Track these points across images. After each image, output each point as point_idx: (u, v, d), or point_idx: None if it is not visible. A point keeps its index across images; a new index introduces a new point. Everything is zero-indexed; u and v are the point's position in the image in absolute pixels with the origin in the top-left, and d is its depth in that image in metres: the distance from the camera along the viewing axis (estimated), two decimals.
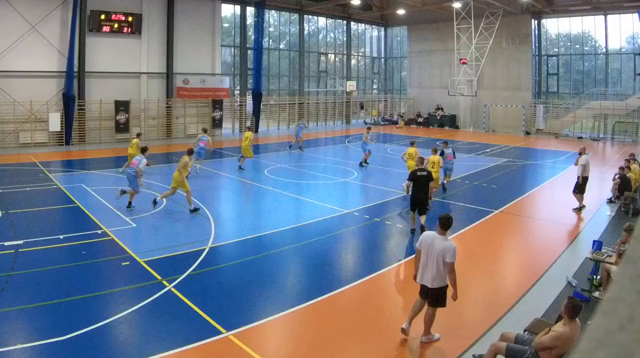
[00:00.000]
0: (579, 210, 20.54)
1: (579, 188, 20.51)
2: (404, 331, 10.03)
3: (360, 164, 28.47)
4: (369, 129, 30.85)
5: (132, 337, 10.01)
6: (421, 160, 17.95)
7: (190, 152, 20.48)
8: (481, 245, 16.23)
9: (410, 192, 17.72)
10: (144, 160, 19.78)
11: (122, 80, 40.93)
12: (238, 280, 12.94)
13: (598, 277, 12.85)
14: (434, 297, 9.77)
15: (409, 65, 62.40)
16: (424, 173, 16.86)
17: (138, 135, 27.11)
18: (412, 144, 23.46)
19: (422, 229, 16.06)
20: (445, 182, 23.56)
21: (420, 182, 16.71)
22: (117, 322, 10.31)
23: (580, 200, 20.65)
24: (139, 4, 41.29)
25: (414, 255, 11.27)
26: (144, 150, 20.62)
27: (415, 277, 10.11)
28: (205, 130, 30.28)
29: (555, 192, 24.81)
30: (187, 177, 19.71)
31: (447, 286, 9.76)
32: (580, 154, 20.81)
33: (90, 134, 39.70)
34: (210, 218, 18.29)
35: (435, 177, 18.95)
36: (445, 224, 9.96)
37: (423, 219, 16.81)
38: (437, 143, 21.97)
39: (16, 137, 36.34)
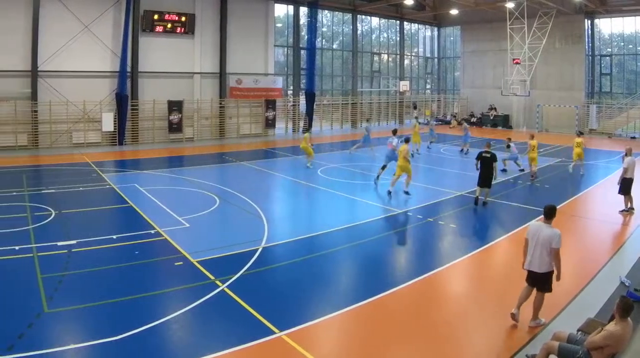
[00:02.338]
0: (627, 211, 19.58)
1: (624, 190, 19.64)
2: (513, 317, 10.18)
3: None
4: (394, 131, 27.20)
5: (184, 337, 9.69)
6: (488, 144, 20.57)
7: (407, 141, 22.16)
8: None
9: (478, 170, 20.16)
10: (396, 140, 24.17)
11: (175, 80, 39.34)
12: (291, 280, 12.57)
13: None
14: (542, 282, 10.05)
15: (462, 65, 59.81)
16: (488, 154, 19.79)
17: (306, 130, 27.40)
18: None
19: (484, 204, 19.86)
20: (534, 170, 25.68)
21: (485, 161, 19.70)
22: (170, 322, 10.06)
23: (628, 201, 19.75)
24: (192, 4, 39.61)
25: (466, 256, 13.80)
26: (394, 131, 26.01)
27: (523, 265, 10.34)
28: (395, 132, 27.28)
29: (608, 192, 23.16)
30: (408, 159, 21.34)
31: (552, 271, 10.00)
32: (625, 154, 20.04)
33: (143, 134, 38.17)
34: (264, 218, 17.56)
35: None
36: (549, 214, 10.18)
37: (487, 192, 20.10)
38: (490, 141, 21.03)
39: (69, 137, 34.93)
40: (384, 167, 23.74)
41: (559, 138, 43.81)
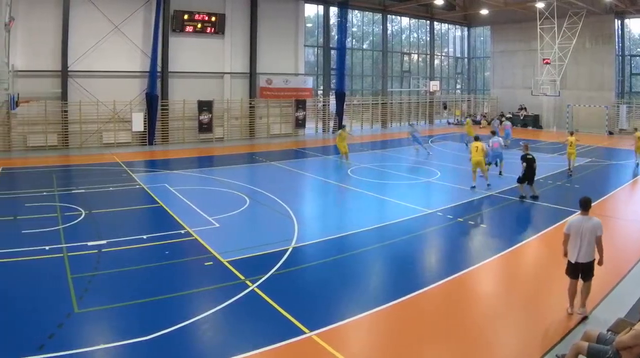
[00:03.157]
0: None
1: None
2: (570, 313, 10.28)
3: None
4: (493, 133, 26.56)
5: (215, 337, 9.53)
6: (526, 146, 20.82)
7: (477, 139, 22.76)
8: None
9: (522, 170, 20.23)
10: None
11: (205, 80, 38.36)
12: (321, 280, 12.26)
13: None
14: (587, 271, 10.19)
15: (492, 65, 58.15)
16: (531, 156, 20.08)
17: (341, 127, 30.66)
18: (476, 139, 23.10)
19: (536, 197, 20.20)
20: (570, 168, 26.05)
21: (529, 162, 19.91)
22: (200, 322, 9.82)
23: None
24: (222, 4, 38.64)
25: (496, 256, 13.76)
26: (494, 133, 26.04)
27: (565, 254, 10.45)
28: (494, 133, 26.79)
29: (639, 192, 23.13)
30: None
31: (594, 260, 10.14)
32: None
33: (173, 134, 37.28)
34: (294, 218, 17.11)
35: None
36: (586, 205, 10.42)
37: (533, 188, 20.28)
38: (520, 142, 21.39)
39: (99, 137, 34.19)
40: (489, 164, 23.94)
41: (589, 138, 42.46)
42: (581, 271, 10.19)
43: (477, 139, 22.88)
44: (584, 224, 10.12)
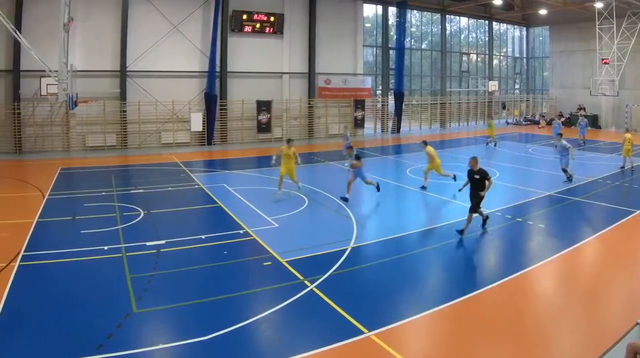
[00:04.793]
0: None
1: None
2: None
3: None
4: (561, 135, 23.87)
5: (273, 337, 9.08)
6: (473, 160, 15.52)
7: (425, 143, 21.28)
8: (624, 244, 14.58)
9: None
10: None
11: (264, 80, 35.86)
12: (380, 280, 11.58)
13: None
14: None
15: (550, 65, 54.18)
16: (478, 174, 15.14)
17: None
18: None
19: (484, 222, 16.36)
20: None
21: (474, 181, 15.31)
22: (259, 322, 9.34)
23: None
24: (281, 4, 36.07)
25: (555, 256, 12.89)
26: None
27: None
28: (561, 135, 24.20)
29: None
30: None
31: None
32: None
33: (232, 134, 34.92)
34: (352, 219, 16.14)
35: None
36: None
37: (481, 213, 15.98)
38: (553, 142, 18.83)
39: (158, 137, 32.13)
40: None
41: None
42: None
43: (425, 143, 21.36)
44: None
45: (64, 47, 21.13)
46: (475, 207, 14.51)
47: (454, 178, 20.69)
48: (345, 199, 17.97)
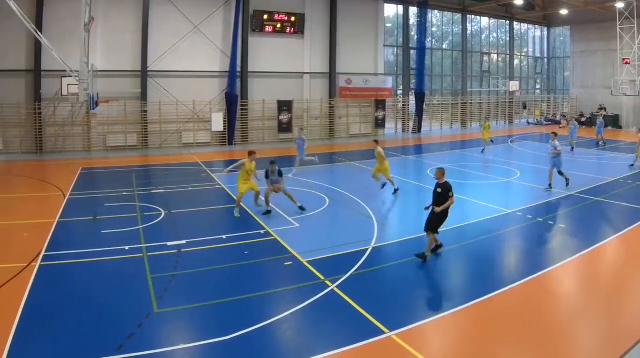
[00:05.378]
0: None
1: None
2: None
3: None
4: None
5: (294, 337, 8.78)
6: (439, 172, 13.17)
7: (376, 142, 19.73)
8: None
9: None
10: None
11: (285, 80, 34.80)
12: (401, 280, 11.25)
13: None
14: None
15: (571, 65, 52.58)
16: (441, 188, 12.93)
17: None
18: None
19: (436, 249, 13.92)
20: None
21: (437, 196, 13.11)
22: (280, 322, 9.07)
23: None
24: (302, 4, 34.95)
25: (575, 256, 12.57)
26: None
27: None
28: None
29: None
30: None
31: None
32: None
33: (253, 134, 33.93)
34: (373, 219, 15.69)
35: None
36: None
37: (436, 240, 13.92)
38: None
39: (179, 136, 31.21)
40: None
41: None
42: None
43: (377, 143, 19.70)
44: None
45: (84, 47, 20.71)
46: (431, 226, 12.25)
47: (383, 186, 19.18)
48: (302, 209, 16.33)
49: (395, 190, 18.97)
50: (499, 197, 19.58)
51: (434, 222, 12.24)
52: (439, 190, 12.39)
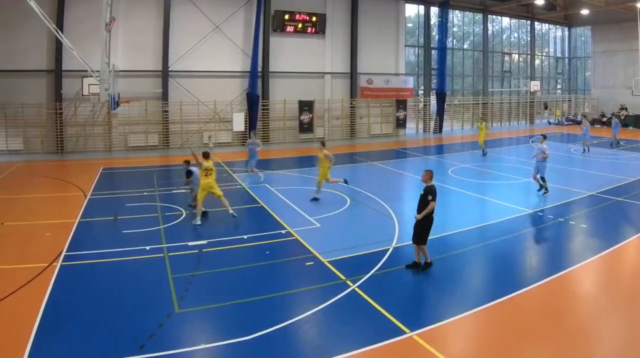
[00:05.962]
0: None
1: None
2: None
3: None
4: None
5: (315, 337, 8.53)
6: (427, 174, 11.70)
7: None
8: None
9: None
10: None
11: (306, 80, 33.64)
12: (422, 280, 10.86)
13: None
14: None
15: (592, 65, 50.87)
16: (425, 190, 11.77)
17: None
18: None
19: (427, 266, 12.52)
20: None
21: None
22: (301, 322, 8.79)
23: None
24: (323, 3, 33.74)
25: (597, 256, 12.17)
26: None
27: None
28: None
29: None
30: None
31: None
32: None
33: (274, 134, 32.81)
34: (394, 219, 15.28)
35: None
36: None
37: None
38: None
39: (200, 136, 30.12)
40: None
41: None
42: None
43: (322, 144, 17.92)
44: None
45: (105, 46, 20.05)
46: (415, 236, 11.04)
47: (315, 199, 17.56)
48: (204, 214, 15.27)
49: (315, 199, 17.32)
50: (520, 197, 18.94)
51: (417, 231, 10.97)
52: (422, 193, 11.14)
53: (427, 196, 10.85)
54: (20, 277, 10.49)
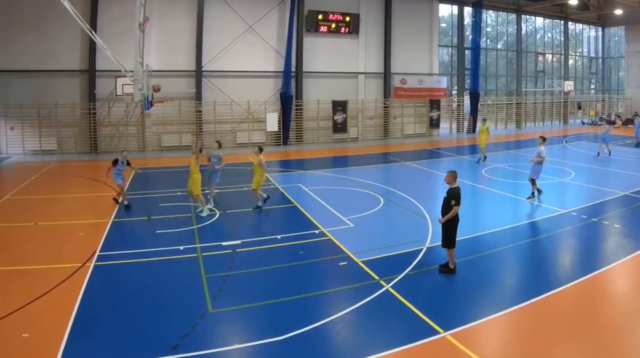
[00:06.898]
0: None
1: None
2: None
3: None
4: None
5: (349, 337, 8.10)
6: (451, 175, 10.80)
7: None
8: None
9: None
10: None
11: (339, 80, 31.83)
12: (456, 280, 10.18)
13: None
14: None
15: (626, 65, 47.98)
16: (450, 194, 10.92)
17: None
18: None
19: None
20: None
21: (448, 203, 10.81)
22: (334, 322, 8.40)
23: None
24: (357, 4, 31.88)
25: (631, 256, 11.55)
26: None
27: None
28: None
29: None
30: None
31: None
32: None
33: (308, 134, 31.11)
34: (428, 218, 14.55)
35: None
36: None
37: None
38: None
39: (233, 136, 28.66)
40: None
41: None
42: None
43: (260, 150, 15.86)
44: None
45: (139, 47, 18.80)
46: (443, 240, 10.47)
47: (262, 204, 15.77)
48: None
49: (258, 207, 15.58)
50: (554, 197, 17.97)
51: (443, 234, 10.41)
52: (445, 196, 10.41)
53: (450, 201, 10.12)
54: (55, 276, 10.11)
